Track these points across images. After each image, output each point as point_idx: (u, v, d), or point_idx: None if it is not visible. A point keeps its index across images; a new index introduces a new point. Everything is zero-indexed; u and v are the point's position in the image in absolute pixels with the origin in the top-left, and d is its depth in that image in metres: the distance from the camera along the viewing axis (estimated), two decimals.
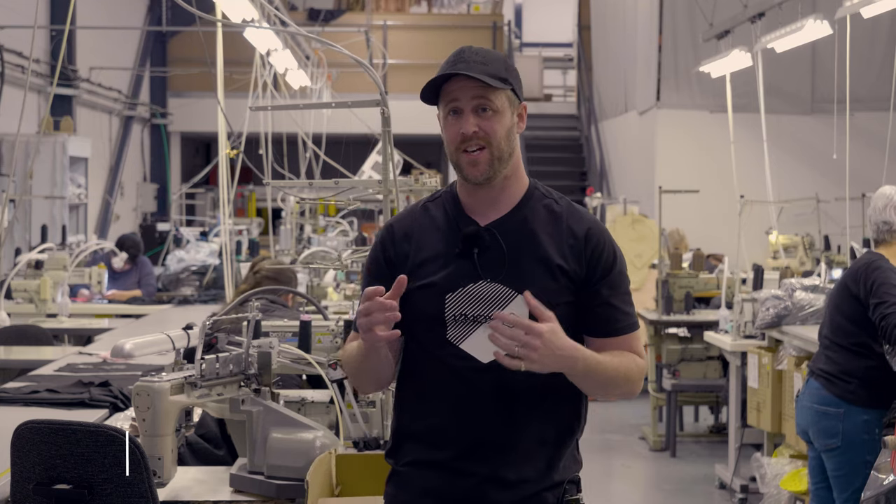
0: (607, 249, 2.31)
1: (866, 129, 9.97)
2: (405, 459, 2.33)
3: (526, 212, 2.32)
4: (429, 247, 2.31)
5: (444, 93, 2.28)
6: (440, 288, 2.27)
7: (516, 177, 2.35)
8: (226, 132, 6.02)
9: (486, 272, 2.26)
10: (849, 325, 4.14)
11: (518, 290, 2.23)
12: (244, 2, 6.15)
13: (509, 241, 2.28)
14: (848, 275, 4.23)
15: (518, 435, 2.26)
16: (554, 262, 2.27)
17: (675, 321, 7.67)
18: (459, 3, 19.72)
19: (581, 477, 2.40)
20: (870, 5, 6.01)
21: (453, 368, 2.25)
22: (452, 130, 2.27)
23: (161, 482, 2.85)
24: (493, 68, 2.26)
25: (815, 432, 4.23)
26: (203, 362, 2.87)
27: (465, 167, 2.27)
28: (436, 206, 2.37)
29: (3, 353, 5.82)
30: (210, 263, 10.39)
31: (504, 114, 2.28)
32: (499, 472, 2.25)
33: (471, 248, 2.27)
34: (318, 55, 11.45)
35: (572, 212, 2.34)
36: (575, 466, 2.37)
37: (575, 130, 16.75)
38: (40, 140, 10.34)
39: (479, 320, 2.25)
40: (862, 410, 4.09)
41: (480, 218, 2.31)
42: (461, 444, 2.25)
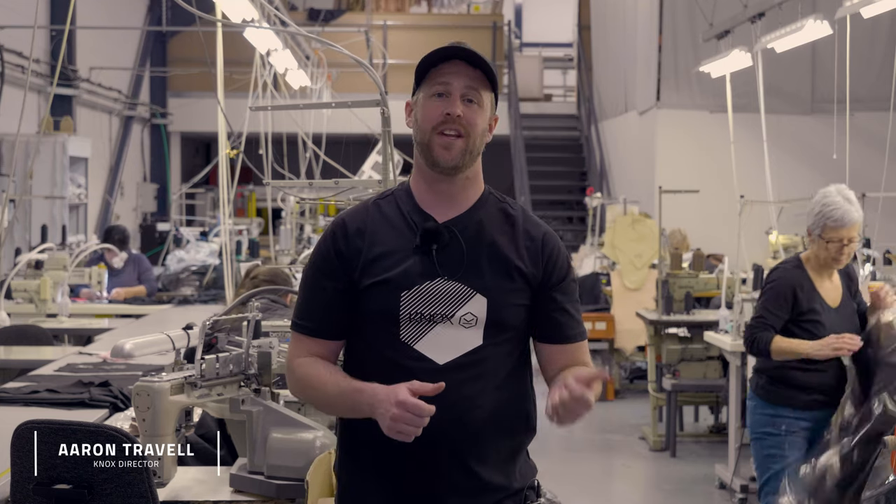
0: (562, 255, 2.30)
1: (866, 129, 9.97)
2: (356, 471, 2.27)
3: (482, 213, 2.29)
4: (382, 242, 2.24)
5: (434, 74, 2.23)
6: (396, 284, 2.20)
7: (475, 179, 2.32)
8: (226, 132, 6.02)
9: (443, 270, 2.21)
10: None
11: (476, 289, 2.19)
12: (244, 2, 6.14)
13: (467, 239, 2.24)
14: None
15: (473, 440, 2.20)
16: (512, 263, 2.24)
17: (675, 321, 7.66)
18: (459, 3, 19.72)
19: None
20: (870, 5, 6.01)
21: (407, 370, 2.16)
22: (434, 110, 2.22)
23: (161, 482, 2.85)
24: (488, 67, 2.27)
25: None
26: (203, 362, 2.87)
27: (437, 149, 2.22)
28: (388, 203, 2.30)
29: (3, 353, 5.82)
30: (210, 263, 10.39)
31: (485, 112, 2.27)
32: (458, 480, 2.20)
33: (429, 243, 2.22)
34: (318, 55, 11.45)
35: (527, 217, 2.33)
36: (531, 472, 2.33)
37: (575, 130, 16.75)
38: (40, 140, 10.34)
39: (435, 319, 2.18)
40: (765, 404, 4.28)
41: (437, 215, 2.26)
42: (415, 451, 2.15)
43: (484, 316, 2.20)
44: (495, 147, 12.26)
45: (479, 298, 2.20)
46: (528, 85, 17.38)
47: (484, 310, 2.19)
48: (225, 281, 6.37)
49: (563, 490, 4.40)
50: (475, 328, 2.20)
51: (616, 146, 14.39)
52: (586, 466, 7.27)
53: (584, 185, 15.20)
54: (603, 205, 11.09)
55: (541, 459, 2.47)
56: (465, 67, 2.22)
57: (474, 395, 2.19)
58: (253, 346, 2.98)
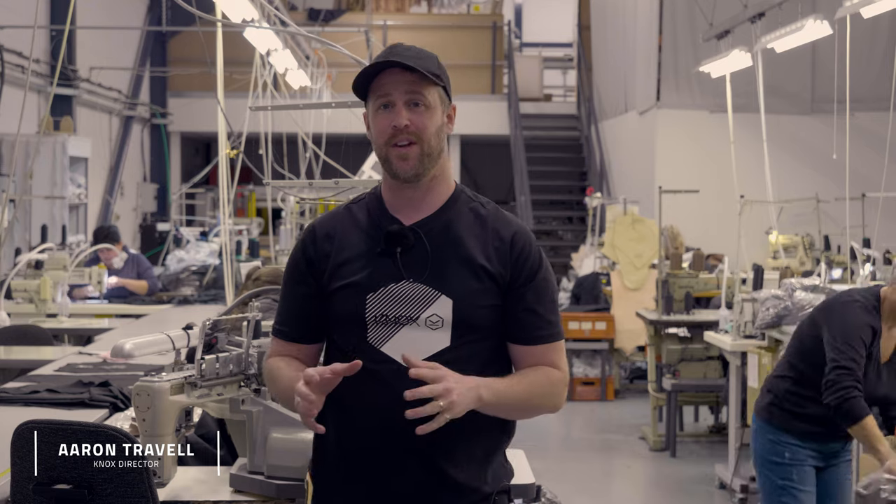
0: (533, 254, 2.28)
1: (866, 129, 9.98)
2: (328, 474, 2.28)
3: (451, 214, 2.28)
4: (350, 247, 2.26)
5: (375, 86, 2.23)
6: (361, 287, 2.22)
7: (443, 178, 2.30)
8: (226, 132, 6.02)
9: (408, 272, 2.21)
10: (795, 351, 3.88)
11: (441, 291, 2.19)
12: (244, 2, 6.14)
13: (433, 242, 2.23)
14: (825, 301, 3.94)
15: (442, 442, 2.18)
16: (477, 263, 2.22)
17: (675, 321, 7.67)
18: (459, 3, 19.72)
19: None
20: (870, 5, 6.01)
21: (373, 373, 2.18)
22: (383, 123, 2.22)
23: (161, 482, 2.85)
24: (425, 63, 2.22)
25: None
26: (203, 362, 2.87)
27: (395, 161, 2.22)
28: (359, 208, 2.33)
29: (3, 353, 5.82)
30: (210, 263, 10.39)
31: (435, 110, 2.24)
32: (426, 483, 2.20)
33: (393, 246, 2.23)
34: (318, 55, 11.45)
35: (499, 216, 2.31)
36: (506, 476, 2.32)
37: (575, 130, 16.75)
38: (40, 140, 10.34)
39: (401, 321, 2.19)
40: (769, 429, 3.87)
41: (405, 218, 2.27)
42: (386, 452, 2.18)
43: (450, 317, 2.20)
44: (495, 147, 12.33)
45: (444, 300, 2.20)
46: (528, 85, 17.38)
47: (449, 311, 2.20)
48: (225, 281, 6.36)
49: (563, 490, 4.40)
50: (442, 330, 2.20)
51: (616, 146, 14.39)
52: (586, 466, 7.27)
53: (584, 185, 15.20)
54: (603, 205, 11.09)
55: (541, 459, 2.47)
56: (403, 73, 2.20)
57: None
58: (253, 346, 2.98)
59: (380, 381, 2.18)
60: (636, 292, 9.60)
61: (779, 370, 3.93)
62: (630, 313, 9.02)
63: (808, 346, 3.79)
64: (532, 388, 2.21)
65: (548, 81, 19.15)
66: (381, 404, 2.19)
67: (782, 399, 3.84)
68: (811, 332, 3.79)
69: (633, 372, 10.17)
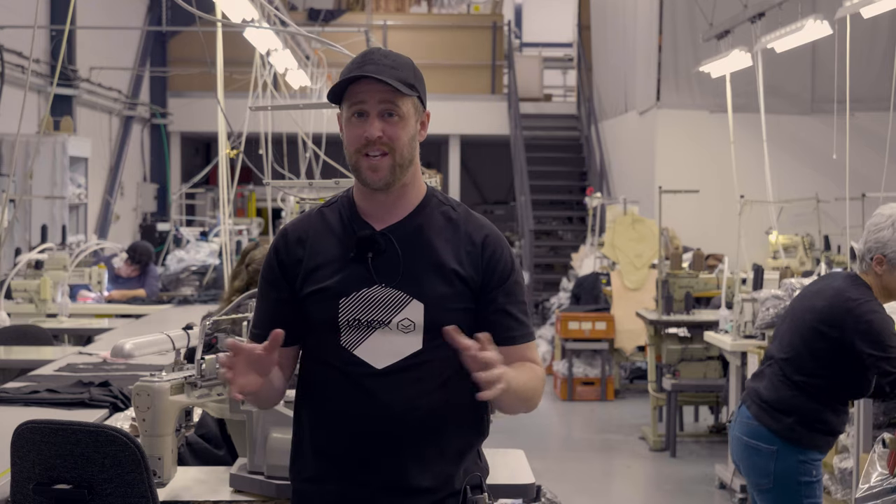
0: (505, 257, 2.28)
1: (866, 129, 9.98)
2: (304, 475, 2.31)
3: (422, 218, 2.28)
4: (323, 251, 2.27)
5: (349, 93, 2.22)
6: (334, 292, 2.23)
7: (414, 183, 2.30)
8: (226, 132, 6.02)
9: (380, 277, 2.22)
10: (809, 362, 3.61)
11: (413, 295, 2.21)
12: (244, 2, 6.14)
13: (404, 246, 2.24)
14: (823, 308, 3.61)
15: (415, 442, 2.22)
16: (449, 267, 2.23)
17: (675, 321, 7.67)
18: (459, 3, 19.71)
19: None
20: (870, 5, 6.01)
21: (348, 375, 2.21)
22: (356, 132, 2.22)
23: (161, 482, 2.85)
24: (402, 73, 2.21)
25: (745, 469, 3.75)
26: (203, 362, 2.87)
27: (365, 171, 2.22)
28: (331, 212, 2.33)
29: (3, 353, 5.82)
30: (210, 263, 10.40)
31: (409, 120, 2.23)
32: (398, 482, 2.22)
33: (365, 252, 2.24)
34: (318, 55, 11.45)
35: (470, 219, 2.31)
36: (480, 471, 2.33)
37: (575, 130, 16.75)
38: (40, 140, 10.34)
39: (373, 325, 2.21)
40: (797, 450, 3.60)
41: (376, 222, 2.27)
42: (358, 453, 2.22)
43: (421, 321, 2.21)
44: (495, 147, 12.35)
45: (415, 304, 2.21)
46: (528, 85, 17.37)
47: (421, 315, 2.21)
48: (225, 281, 6.37)
49: (563, 490, 4.40)
50: (413, 333, 2.21)
51: (616, 146, 14.39)
52: (586, 466, 7.27)
53: (584, 185, 15.20)
54: (603, 205, 11.09)
55: (541, 459, 2.47)
56: (378, 82, 2.19)
57: (413, 397, 2.21)
58: None
59: (353, 383, 2.22)
60: (636, 292, 9.60)
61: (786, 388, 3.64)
62: (630, 313, 9.02)
63: (825, 360, 3.58)
64: (528, 382, 2.24)
65: (548, 81, 19.15)
66: (354, 406, 2.22)
67: (808, 418, 3.60)
68: (824, 346, 3.57)
69: (633, 372, 10.17)
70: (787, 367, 3.64)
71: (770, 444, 3.62)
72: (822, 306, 3.62)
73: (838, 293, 3.60)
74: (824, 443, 3.66)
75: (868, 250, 3.58)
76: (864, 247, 3.60)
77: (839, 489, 4.98)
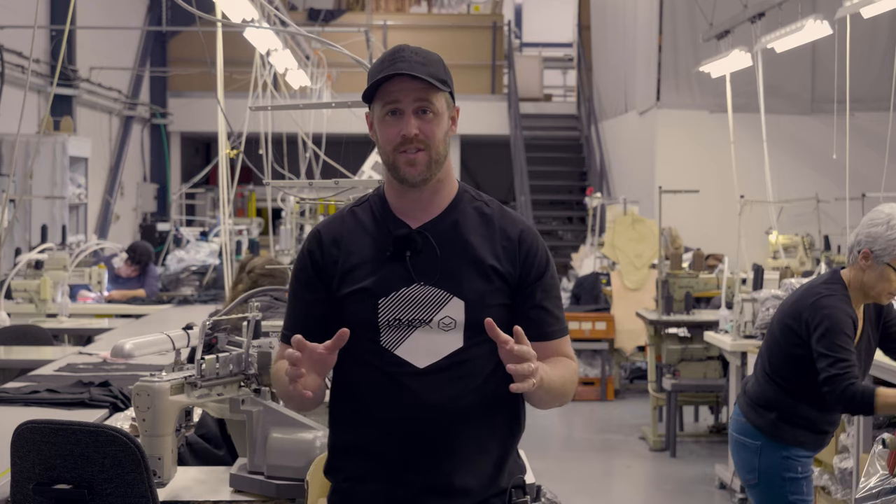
0: (541, 252, 2.28)
1: (866, 129, 9.98)
2: (345, 475, 2.29)
3: (457, 214, 2.28)
4: (358, 251, 2.26)
5: (382, 92, 2.21)
6: (372, 293, 2.22)
7: (447, 180, 2.30)
8: (226, 132, 6.02)
9: (419, 275, 2.21)
10: (782, 363, 3.64)
11: (452, 293, 2.20)
12: (244, 2, 6.14)
13: (441, 243, 2.24)
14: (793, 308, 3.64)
15: (459, 441, 2.21)
16: (487, 264, 2.23)
17: (675, 321, 7.67)
18: (459, 3, 19.72)
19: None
20: (870, 5, 6.01)
21: (389, 375, 2.20)
22: (391, 131, 2.21)
23: (161, 482, 2.85)
24: (433, 69, 2.21)
25: (736, 464, 3.81)
26: (203, 362, 2.87)
27: (403, 167, 2.21)
28: (363, 211, 2.32)
29: (3, 353, 5.82)
30: (210, 263, 10.40)
31: (443, 117, 2.23)
32: (442, 481, 2.21)
33: (403, 250, 2.23)
34: (318, 55, 11.45)
35: (504, 214, 2.31)
36: (519, 471, 2.34)
37: (575, 130, 16.75)
38: (40, 140, 10.34)
39: (413, 325, 2.20)
40: (780, 446, 3.63)
41: (411, 220, 2.26)
42: (401, 453, 2.21)
43: (462, 319, 2.20)
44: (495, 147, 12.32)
45: (456, 302, 2.20)
46: (528, 85, 17.38)
47: (462, 313, 2.20)
48: (225, 281, 6.37)
49: (563, 490, 4.40)
50: (454, 331, 2.21)
51: (616, 146, 14.39)
52: (586, 466, 7.27)
53: (584, 185, 15.20)
54: (603, 205, 11.09)
55: (541, 459, 2.48)
56: (412, 80, 2.18)
57: (455, 395, 2.20)
58: (253, 346, 2.98)
59: (394, 383, 2.19)
60: (636, 292, 9.60)
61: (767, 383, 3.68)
62: (630, 313, 9.02)
63: (795, 354, 3.60)
64: (565, 376, 2.24)
65: (548, 81, 19.15)
66: (396, 406, 2.20)
67: (788, 413, 3.63)
68: (793, 340, 3.59)
69: (633, 372, 10.17)
70: (766, 363, 3.69)
71: (755, 440, 3.67)
72: (793, 301, 3.65)
73: (808, 288, 3.64)
74: (809, 439, 3.65)
75: (857, 243, 3.57)
76: (854, 239, 3.60)
77: (839, 489, 4.98)
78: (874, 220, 3.55)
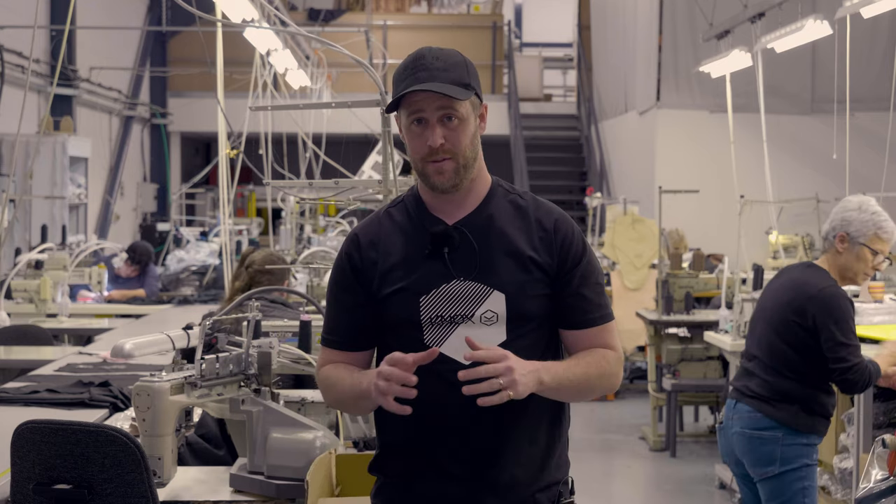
0: (577, 239, 2.28)
1: (866, 129, 9.98)
2: (393, 471, 2.31)
3: (492, 208, 2.28)
4: (396, 251, 2.26)
5: (406, 101, 2.20)
6: (413, 291, 2.22)
7: (480, 176, 2.30)
8: (226, 132, 6.02)
9: (458, 271, 2.22)
10: (794, 356, 3.77)
11: (493, 286, 2.20)
12: (244, 2, 6.15)
13: (478, 238, 2.24)
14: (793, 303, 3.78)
15: (506, 436, 2.23)
16: (526, 255, 2.23)
17: (675, 321, 7.66)
18: (459, 3, 19.73)
19: (574, 478, 2.40)
20: (870, 5, 6.01)
21: (434, 373, 2.18)
22: (418, 142, 2.21)
23: (161, 482, 2.84)
24: (456, 74, 2.20)
25: (752, 460, 3.84)
26: (203, 362, 2.87)
27: (432, 176, 2.22)
28: (398, 211, 2.32)
29: (3, 353, 5.82)
30: (210, 263, 10.40)
31: (469, 121, 2.23)
32: (490, 476, 2.22)
33: (440, 247, 2.23)
34: (318, 55, 11.45)
35: (538, 205, 2.31)
36: (565, 468, 2.36)
37: (575, 130, 16.75)
38: (40, 140, 10.34)
39: (456, 320, 2.20)
40: (801, 434, 3.76)
41: (446, 217, 2.27)
42: (449, 449, 2.22)
43: (504, 311, 2.21)
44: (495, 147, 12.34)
45: (497, 295, 2.21)
46: (528, 85, 17.38)
47: (503, 306, 2.21)
48: (225, 281, 6.36)
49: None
50: (497, 325, 2.21)
51: (616, 146, 14.39)
52: (586, 466, 7.27)
53: (584, 185, 15.21)
54: (603, 205, 11.09)
55: None
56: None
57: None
58: (253, 346, 2.98)
59: (442, 380, 2.19)
60: (636, 292, 9.60)
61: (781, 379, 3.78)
62: (630, 313, 9.02)
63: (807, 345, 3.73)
64: (589, 370, 2.24)
65: (548, 81, 19.16)
66: (445, 404, 2.20)
67: (808, 403, 3.76)
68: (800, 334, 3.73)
69: (633, 372, 10.16)
70: (773, 362, 3.81)
71: (775, 432, 3.77)
72: (790, 298, 3.79)
73: (803, 284, 3.79)
74: (822, 426, 3.81)
75: (832, 228, 3.82)
76: (828, 226, 3.85)
77: (839, 489, 4.98)
78: (846, 207, 3.83)
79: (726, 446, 3.98)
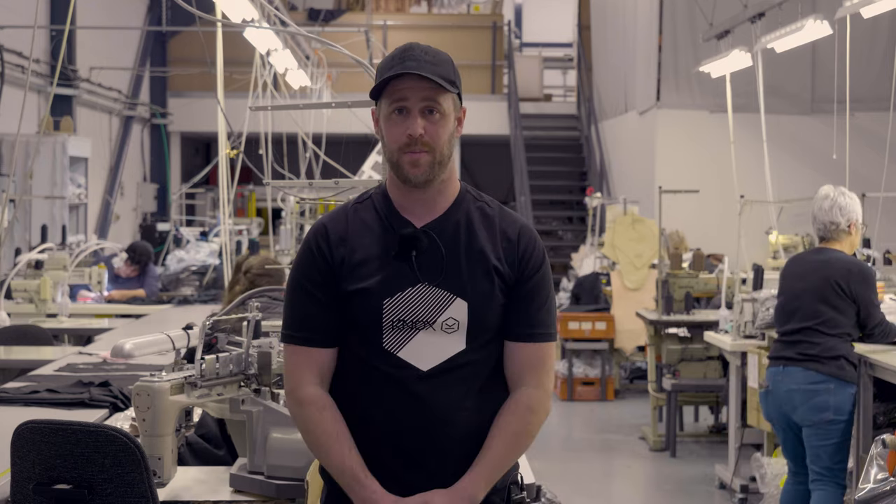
0: (538, 252, 2.27)
1: (866, 129, 9.97)
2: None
3: (460, 214, 2.26)
4: (362, 249, 2.22)
5: (390, 90, 2.19)
6: (377, 292, 2.19)
7: (451, 180, 2.28)
8: (226, 132, 6.02)
9: (424, 275, 2.19)
10: (840, 317, 4.66)
11: (457, 294, 2.18)
12: (244, 2, 6.14)
13: (446, 243, 2.22)
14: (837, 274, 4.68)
15: (459, 443, 2.20)
16: (490, 264, 2.22)
17: (675, 321, 7.66)
18: (459, 3, 19.72)
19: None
20: (870, 5, 6.01)
21: (391, 377, 2.17)
22: (397, 130, 2.19)
23: (161, 482, 2.85)
24: (443, 69, 2.19)
25: (807, 409, 4.65)
26: (203, 362, 2.87)
27: (407, 167, 2.19)
28: (365, 208, 2.28)
29: (3, 353, 5.82)
30: (210, 263, 10.40)
31: (450, 118, 2.22)
32: (444, 483, 2.20)
33: (408, 250, 2.20)
34: (318, 55, 11.44)
35: (504, 215, 2.29)
36: (514, 469, 2.33)
37: (575, 130, 16.75)
38: (40, 140, 10.34)
39: (417, 326, 2.17)
40: (847, 384, 4.60)
41: (415, 219, 2.24)
42: (401, 455, 2.20)
43: (465, 320, 2.19)
44: (495, 147, 12.32)
45: (459, 303, 2.19)
46: (528, 85, 17.37)
47: (465, 314, 2.19)
48: (224, 281, 6.37)
49: (563, 490, 4.40)
50: (457, 333, 2.19)
51: (616, 146, 14.39)
52: (586, 466, 7.27)
53: (584, 185, 15.20)
54: (603, 205, 11.08)
55: (541, 460, 2.48)
56: (420, 79, 2.17)
57: (459, 398, 2.20)
58: (253, 346, 2.98)
59: (398, 385, 2.18)
60: (636, 292, 9.60)
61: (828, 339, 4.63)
62: (630, 313, 9.02)
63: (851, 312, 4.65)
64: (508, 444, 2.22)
65: (548, 81, 19.15)
66: (399, 409, 2.19)
67: (849, 356, 4.61)
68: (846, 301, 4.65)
69: (633, 372, 10.16)
70: (823, 326, 4.66)
71: (827, 384, 4.60)
72: (840, 272, 4.66)
73: (846, 261, 4.71)
74: (855, 375, 4.61)
75: (847, 219, 4.69)
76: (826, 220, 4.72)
77: None
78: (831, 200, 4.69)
79: (772, 405, 4.82)
